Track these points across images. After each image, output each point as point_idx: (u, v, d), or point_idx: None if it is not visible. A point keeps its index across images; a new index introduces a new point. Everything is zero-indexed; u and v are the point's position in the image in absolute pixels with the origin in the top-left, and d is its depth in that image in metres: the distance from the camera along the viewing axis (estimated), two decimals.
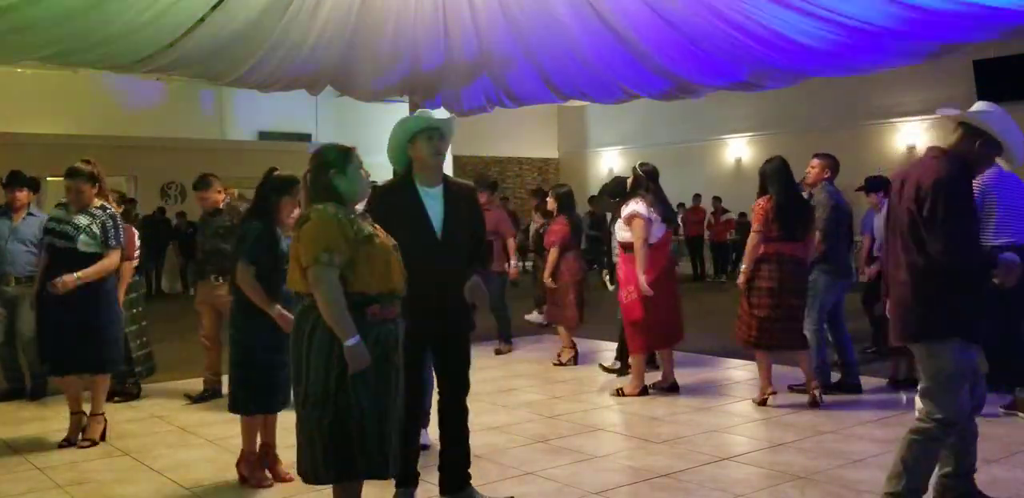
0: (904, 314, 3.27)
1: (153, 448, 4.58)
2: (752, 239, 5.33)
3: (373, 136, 19.08)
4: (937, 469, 3.32)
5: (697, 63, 8.43)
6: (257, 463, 4.00)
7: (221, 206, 5.69)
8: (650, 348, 5.83)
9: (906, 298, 3.24)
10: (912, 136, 13.57)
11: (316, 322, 2.89)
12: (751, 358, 5.81)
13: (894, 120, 13.79)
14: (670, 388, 5.83)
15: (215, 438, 4.80)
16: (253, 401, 3.95)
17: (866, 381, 5.86)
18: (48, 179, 14.33)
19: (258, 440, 4.03)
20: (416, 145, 3.51)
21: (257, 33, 7.77)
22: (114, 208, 4.79)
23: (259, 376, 3.92)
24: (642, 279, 5.48)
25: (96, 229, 4.59)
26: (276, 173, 4.04)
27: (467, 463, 3.66)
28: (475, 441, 4.41)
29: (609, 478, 3.99)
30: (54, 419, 5.33)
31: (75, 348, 4.56)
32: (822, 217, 5.60)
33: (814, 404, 5.28)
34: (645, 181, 5.71)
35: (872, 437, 4.61)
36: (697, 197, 15.66)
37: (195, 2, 6.96)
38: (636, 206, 5.58)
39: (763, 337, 5.28)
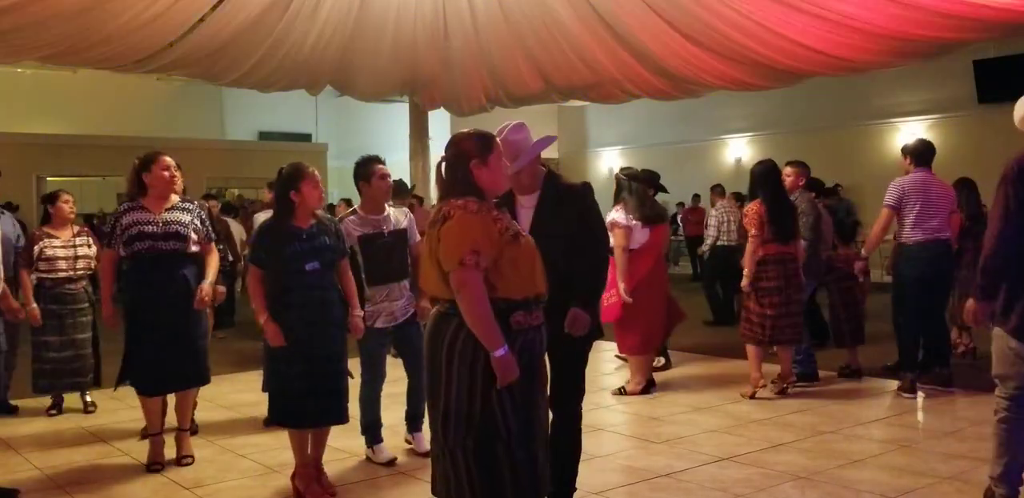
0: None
1: None
2: (751, 243, 5.46)
3: (373, 136, 19.17)
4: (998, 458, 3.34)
5: (697, 63, 8.44)
6: (310, 476, 3.79)
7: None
8: (645, 349, 5.86)
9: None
10: (912, 136, 13.43)
11: (456, 331, 2.60)
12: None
13: (894, 120, 13.76)
14: (648, 385, 5.91)
15: (216, 438, 4.79)
16: (281, 412, 3.77)
17: (866, 381, 5.90)
18: (48, 179, 14.36)
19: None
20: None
21: (257, 33, 7.78)
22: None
23: (277, 387, 3.76)
24: (621, 286, 5.60)
25: (199, 224, 4.25)
26: (283, 168, 3.81)
27: None
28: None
29: (609, 478, 3.99)
30: (54, 419, 5.34)
31: (184, 361, 4.14)
32: (806, 225, 5.85)
33: (782, 392, 5.57)
34: (628, 184, 5.82)
35: (872, 437, 4.61)
36: (696, 197, 15.65)
37: (195, 2, 6.97)
38: (615, 214, 5.68)
39: (776, 334, 5.48)
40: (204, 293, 4.13)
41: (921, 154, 5.63)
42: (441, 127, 15.03)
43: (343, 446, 4.50)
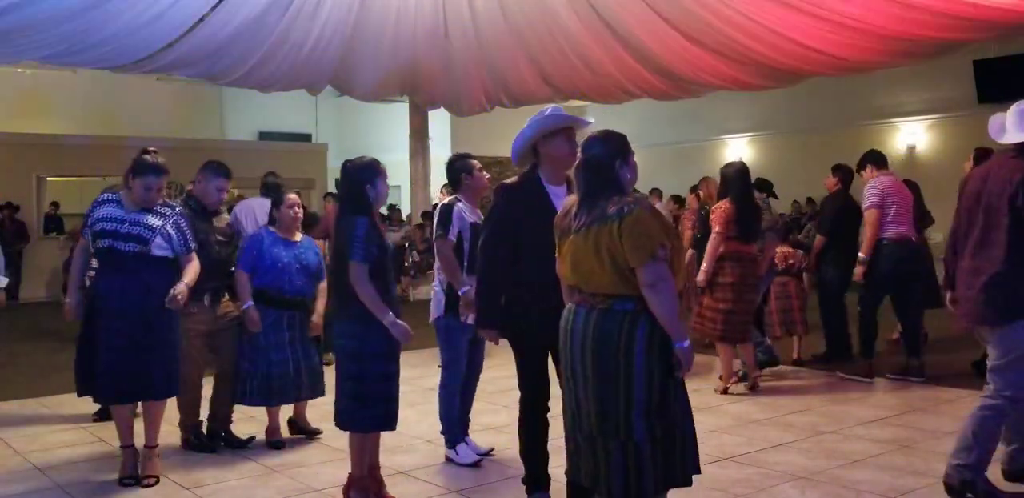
0: (987, 298, 3.42)
1: None
2: (713, 240, 5.64)
3: (373, 136, 19.14)
4: (1004, 445, 3.58)
5: (697, 63, 8.44)
6: (369, 487, 3.63)
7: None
8: None
9: (991, 283, 3.40)
10: (912, 136, 13.56)
11: (632, 326, 2.65)
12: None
13: (894, 120, 13.77)
14: None
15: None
16: (382, 417, 3.58)
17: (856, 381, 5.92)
18: (48, 179, 14.36)
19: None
20: (555, 142, 3.39)
21: (257, 33, 7.78)
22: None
23: (381, 389, 3.55)
24: None
25: (171, 231, 3.97)
26: (352, 161, 3.65)
27: None
28: (475, 441, 4.41)
29: None
30: (54, 419, 5.33)
31: (141, 371, 3.89)
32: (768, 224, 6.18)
33: (753, 388, 5.74)
34: None
35: (872, 437, 4.61)
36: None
37: (195, 2, 6.97)
38: None
39: (728, 331, 5.62)
40: (177, 291, 3.82)
41: (880, 159, 6.14)
42: (441, 127, 15.05)
43: (342, 446, 4.50)
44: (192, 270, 4.02)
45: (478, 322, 3.51)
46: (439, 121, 13.59)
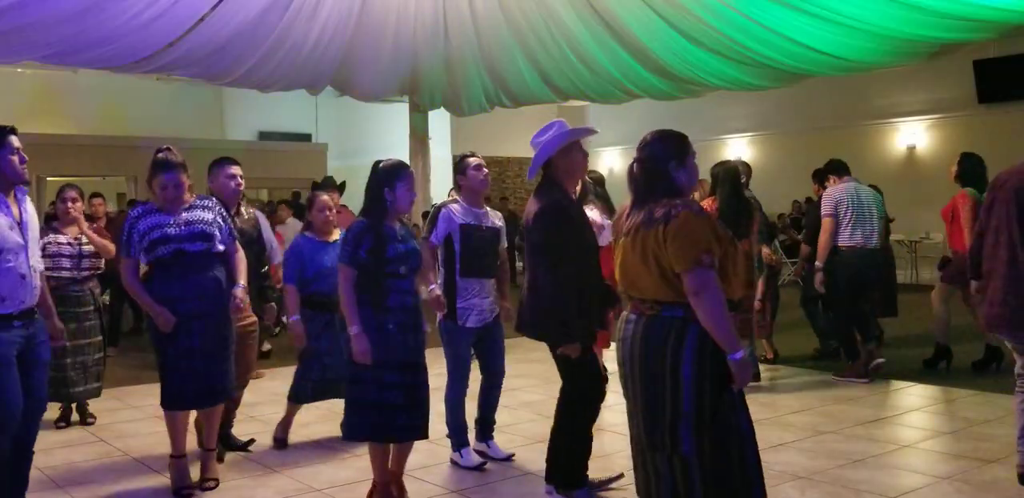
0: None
1: (153, 448, 4.57)
2: None
3: (373, 136, 19.11)
4: (1021, 446, 3.51)
5: (697, 63, 8.45)
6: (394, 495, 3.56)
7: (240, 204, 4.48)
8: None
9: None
10: (912, 136, 13.57)
11: (680, 334, 2.53)
12: None
13: (894, 120, 13.78)
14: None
15: None
16: (370, 427, 3.47)
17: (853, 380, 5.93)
18: (48, 179, 14.37)
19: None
20: (572, 154, 3.48)
21: (257, 33, 7.79)
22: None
23: (374, 397, 3.44)
24: None
25: (221, 222, 3.82)
26: (381, 161, 3.58)
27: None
28: (473, 441, 4.41)
29: None
30: (53, 418, 5.33)
31: (218, 374, 3.77)
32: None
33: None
34: (593, 188, 5.87)
35: (872, 437, 4.61)
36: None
37: (195, 2, 6.98)
38: (590, 214, 5.73)
39: None
40: (239, 299, 3.79)
41: (838, 168, 6.17)
42: (441, 127, 15.04)
43: (344, 446, 4.50)
44: (244, 267, 3.92)
45: (567, 338, 3.38)
46: (439, 121, 13.60)
